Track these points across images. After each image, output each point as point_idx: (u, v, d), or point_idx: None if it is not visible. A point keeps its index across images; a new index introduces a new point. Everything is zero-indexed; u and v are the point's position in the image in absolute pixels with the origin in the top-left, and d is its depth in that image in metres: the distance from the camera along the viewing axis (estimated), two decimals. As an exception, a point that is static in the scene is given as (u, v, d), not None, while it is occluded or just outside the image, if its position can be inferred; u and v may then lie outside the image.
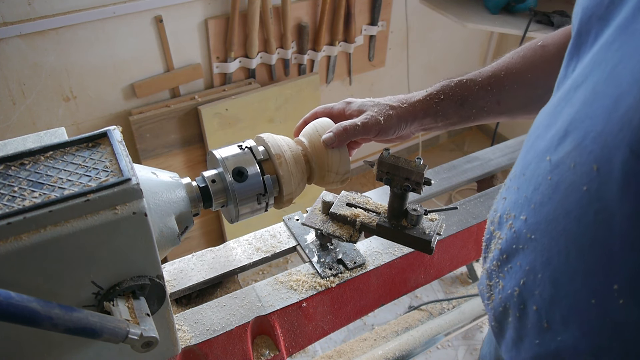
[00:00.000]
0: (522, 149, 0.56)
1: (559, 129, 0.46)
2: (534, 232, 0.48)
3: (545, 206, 0.46)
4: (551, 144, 0.46)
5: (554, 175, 0.45)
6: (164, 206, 0.61)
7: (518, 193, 0.52)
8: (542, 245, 0.46)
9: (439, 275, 1.04)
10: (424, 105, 0.75)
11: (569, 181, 0.43)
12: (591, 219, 0.40)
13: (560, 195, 0.44)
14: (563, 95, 0.48)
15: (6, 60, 1.66)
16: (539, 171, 0.48)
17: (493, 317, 0.59)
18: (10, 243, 0.46)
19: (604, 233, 0.39)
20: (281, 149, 0.72)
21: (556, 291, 0.45)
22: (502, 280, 0.55)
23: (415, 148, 3.16)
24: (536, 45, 0.76)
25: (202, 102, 2.02)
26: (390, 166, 0.71)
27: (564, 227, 0.43)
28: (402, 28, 2.57)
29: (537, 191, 0.47)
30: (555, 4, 2.26)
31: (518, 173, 0.54)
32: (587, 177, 0.40)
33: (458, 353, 2.12)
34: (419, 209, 0.76)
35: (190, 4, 1.88)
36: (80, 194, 0.49)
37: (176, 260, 0.91)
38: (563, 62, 0.54)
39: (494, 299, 0.58)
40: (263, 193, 0.70)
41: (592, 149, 0.40)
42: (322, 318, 0.88)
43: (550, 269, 0.45)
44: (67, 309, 0.43)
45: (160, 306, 0.60)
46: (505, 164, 1.21)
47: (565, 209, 0.43)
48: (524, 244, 0.50)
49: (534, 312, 0.49)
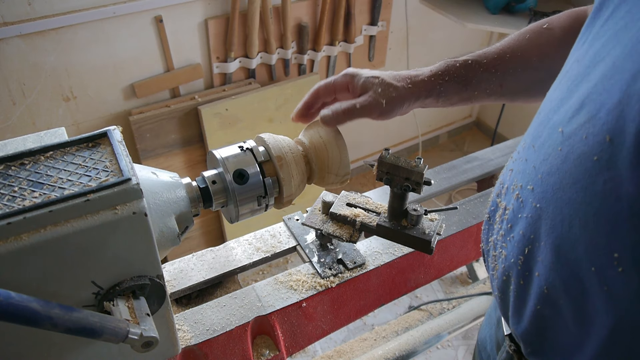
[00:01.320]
0: (533, 123, 0.56)
1: (574, 102, 0.46)
2: (540, 201, 0.48)
3: (553, 176, 0.46)
4: (564, 117, 0.47)
5: (564, 146, 0.45)
6: (164, 206, 0.61)
7: (526, 164, 0.53)
8: (546, 213, 0.47)
9: (439, 275, 1.04)
10: (428, 85, 0.73)
11: (579, 152, 0.43)
12: (599, 188, 0.41)
13: (570, 165, 0.44)
14: (581, 70, 0.48)
15: (6, 60, 1.66)
16: (550, 142, 0.48)
17: (497, 287, 0.60)
18: (10, 243, 0.46)
19: (611, 202, 0.40)
20: (282, 150, 0.72)
21: (557, 258, 0.46)
22: (505, 250, 0.56)
23: (415, 148, 3.16)
24: (542, 28, 0.75)
25: (202, 102, 2.02)
26: (390, 166, 0.71)
27: (570, 196, 0.44)
28: (402, 28, 2.57)
29: (546, 162, 0.48)
30: (555, 4, 2.26)
31: (527, 145, 0.54)
32: (599, 148, 0.41)
33: (458, 353, 2.12)
34: (419, 209, 0.76)
35: (190, 4, 1.88)
36: (80, 194, 0.49)
37: (176, 260, 0.91)
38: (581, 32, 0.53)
39: (497, 269, 0.58)
40: (263, 195, 0.70)
41: (606, 120, 0.40)
42: (322, 318, 0.88)
43: (553, 237, 0.46)
44: (67, 309, 0.43)
45: (160, 306, 0.60)
46: (505, 163, 1.21)
47: (573, 178, 0.44)
48: (528, 213, 0.50)
49: (536, 278, 0.50)
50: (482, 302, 1.38)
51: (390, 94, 0.72)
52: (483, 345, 0.83)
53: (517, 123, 2.97)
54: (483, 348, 0.82)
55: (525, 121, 2.49)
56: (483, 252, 0.65)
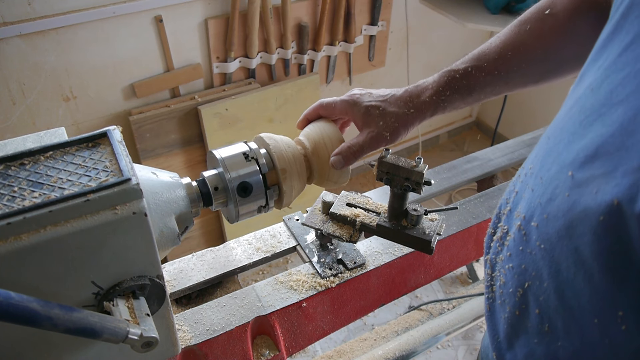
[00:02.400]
0: (541, 145, 0.54)
1: (587, 145, 0.44)
2: (544, 242, 0.47)
3: (559, 221, 0.45)
4: (576, 159, 0.44)
5: (572, 193, 0.43)
6: (164, 206, 0.61)
7: (532, 195, 0.51)
8: (551, 256, 0.46)
9: (439, 275, 1.04)
10: (432, 105, 0.72)
11: (586, 204, 0.41)
12: (606, 247, 0.39)
13: (576, 216, 0.42)
14: (596, 106, 0.45)
15: (6, 60, 1.66)
16: (558, 182, 0.46)
17: (487, 305, 0.59)
18: (10, 243, 0.46)
19: (618, 263, 0.38)
20: (286, 160, 0.72)
21: (560, 303, 0.45)
22: (504, 277, 0.55)
23: (415, 148, 3.16)
24: (543, 14, 0.70)
25: (202, 102, 2.02)
26: (390, 166, 0.71)
27: (576, 247, 0.42)
28: (402, 28, 2.57)
29: (552, 203, 0.46)
30: (555, 4, 2.26)
31: (535, 172, 0.52)
32: (606, 209, 0.39)
33: (458, 353, 2.12)
34: (419, 209, 0.76)
35: (190, 4, 1.88)
36: (80, 194, 0.49)
37: (176, 260, 0.91)
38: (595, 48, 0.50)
39: (495, 290, 0.57)
40: (264, 205, 0.71)
41: (619, 182, 0.38)
42: (322, 318, 0.88)
43: (557, 282, 0.45)
44: (67, 309, 0.43)
45: (160, 306, 0.60)
46: (505, 164, 1.21)
47: (579, 231, 0.42)
48: (532, 250, 0.49)
49: (536, 315, 0.49)
50: (482, 302, 1.37)
51: (392, 125, 0.71)
52: (485, 353, 0.82)
53: (517, 123, 2.97)
54: (485, 355, 0.82)
55: (526, 121, 2.49)
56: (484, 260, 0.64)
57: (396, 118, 0.71)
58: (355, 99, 0.74)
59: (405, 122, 0.72)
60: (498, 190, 1.11)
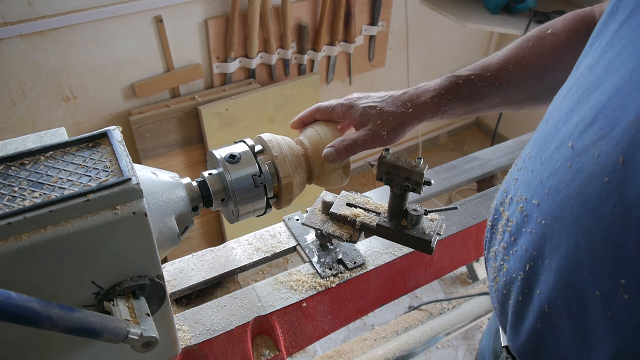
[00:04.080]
0: (539, 130, 0.54)
1: (585, 114, 0.44)
2: (545, 218, 0.47)
3: (561, 193, 0.45)
4: (575, 130, 0.45)
5: (574, 162, 0.43)
6: (164, 206, 0.61)
7: (532, 175, 0.51)
8: (552, 231, 0.46)
9: (439, 275, 1.04)
10: (432, 107, 0.72)
11: (590, 170, 0.41)
12: (608, 211, 0.39)
13: (579, 183, 0.42)
14: (594, 79, 0.45)
15: (6, 60, 1.66)
16: (558, 156, 0.46)
17: (496, 299, 0.58)
18: (10, 243, 0.46)
19: (620, 227, 0.38)
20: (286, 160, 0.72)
21: (560, 278, 0.45)
22: (507, 263, 0.54)
23: (415, 148, 3.16)
24: (545, 34, 0.72)
25: (202, 102, 2.02)
26: (390, 166, 0.71)
27: (578, 216, 0.42)
28: (402, 28, 2.57)
29: (554, 176, 0.46)
30: (555, 4, 2.26)
31: (533, 155, 0.52)
32: (611, 168, 0.39)
33: (458, 353, 2.12)
34: (419, 209, 0.76)
35: (190, 4, 1.88)
36: (80, 194, 0.49)
37: (176, 260, 0.91)
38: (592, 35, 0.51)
39: (498, 281, 0.57)
40: (258, 174, 0.70)
41: (620, 139, 0.38)
42: (322, 318, 0.88)
43: (557, 256, 0.45)
44: (67, 309, 0.43)
45: (160, 306, 0.60)
46: (505, 164, 1.21)
47: (581, 198, 0.42)
48: (532, 228, 0.49)
49: (537, 296, 0.49)
50: (482, 302, 1.37)
51: (390, 124, 0.71)
52: (482, 355, 0.82)
53: (517, 123, 2.97)
54: (482, 358, 0.82)
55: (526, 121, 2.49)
56: (485, 260, 0.64)
57: (394, 117, 0.71)
58: (352, 101, 0.75)
59: (404, 122, 0.72)
60: (498, 190, 1.11)
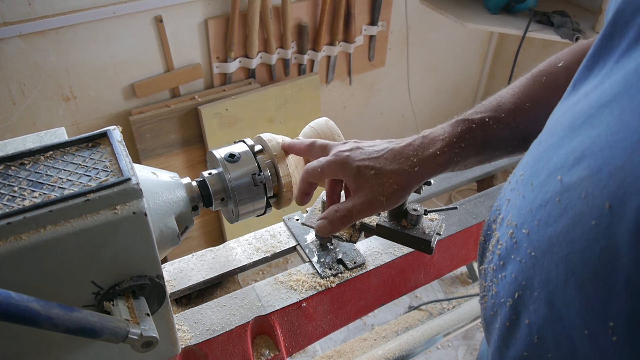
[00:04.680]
0: (532, 150, 0.52)
1: (575, 148, 0.42)
2: (535, 250, 0.46)
3: (550, 227, 0.43)
4: (565, 162, 0.43)
5: (562, 198, 0.42)
6: (164, 206, 0.61)
7: (523, 202, 0.49)
8: (541, 264, 0.45)
9: (439, 275, 1.04)
10: (443, 160, 0.62)
11: (577, 210, 0.40)
12: (596, 254, 0.38)
13: (567, 222, 0.41)
14: (586, 109, 0.44)
15: (6, 60, 1.66)
16: (548, 187, 0.45)
17: (483, 317, 0.57)
18: (10, 243, 0.46)
19: (607, 271, 0.37)
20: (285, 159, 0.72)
21: (551, 313, 0.44)
22: (496, 286, 0.53)
23: (415, 148, 3.15)
24: (557, 67, 0.65)
25: (202, 102, 2.02)
26: (390, 166, 0.71)
27: (567, 254, 0.41)
28: (402, 28, 2.57)
29: (543, 209, 0.45)
30: (555, 4, 2.26)
31: (525, 178, 0.50)
32: (598, 212, 0.38)
33: (458, 353, 2.12)
34: (419, 209, 0.76)
35: (190, 4, 1.88)
36: (80, 193, 0.49)
37: (176, 260, 0.91)
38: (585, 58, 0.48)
39: (487, 301, 0.56)
40: (258, 173, 0.69)
41: (607, 183, 0.37)
42: (322, 318, 0.88)
43: (547, 291, 0.44)
44: (67, 309, 0.43)
45: (160, 306, 0.60)
46: (505, 163, 1.21)
47: (570, 237, 0.41)
48: (522, 258, 0.48)
49: (525, 325, 0.48)
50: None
51: (391, 187, 0.62)
52: (483, 356, 0.82)
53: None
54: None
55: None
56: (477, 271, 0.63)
57: (395, 178, 0.62)
58: (343, 157, 0.64)
59: (407, 183, 0.62)
60: (498, 190, 1.11)
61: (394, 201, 0.63)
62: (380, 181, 0.62)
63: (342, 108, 2.66)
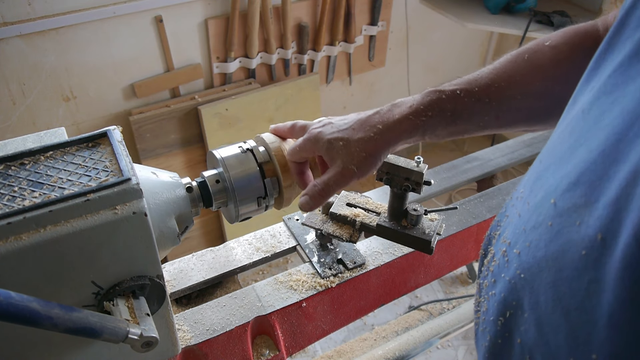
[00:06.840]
0: (533, 168, 0.51)
1: (570, 171, 0.41)
2: (524, 272, 0.45)
3: (540, 251, 0.43)
4: (559, 186, 0.42)
5: (555, 222, 0.41)
6: (164, 206, 0.61)
7: (519, 220, 0.49)
8: (531, 287, 0.44)
9: (439, 275, 1.04)
10: (408, 126, 0.63)
11: (568, 237, 0.39)
12: (583, 285, 0.37)
13: (557, 248, 0.41)
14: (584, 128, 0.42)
15: (6, 60, 1.66)
16: (542, 209, 0.44)
17: (475, 331, 0.57)
18: (10, 243, 0.46)
19: (592, 305, 0.37)
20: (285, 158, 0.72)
21: (540, 335, 0.43)
22: (487, 303, 0.53)
23: (415, 148, 3.15)
24: (544, 46, 0.64)
25: (202, 102, 2.02)
26: (390, 166, 0.71)
27: (554, 281, 0.41)
28: (402, 28, 2.57)
29: (536, 231, 0.44)
30: (555, 4, 2.26)
31: (524, 196, 0.50)
32: (589, 243, 0.37)
33: (458, 353, 2.12)
34: (419, 209, 0.76)
35: (190, 4, 1.88)
36: (80, 193, 0.49)
37: (176, 260, 0.91)
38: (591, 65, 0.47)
39: (479, 316, 0.56)
40: (263, 196, 0.70)
41: (601, 214, 0.36)
42: (322, 318, 0.88)
43: (537, 314, 0.43)
44: (67, 309, 0.43)
45: (160, 306, 0.60)
46: (505, 164, 1.21)
47: (559, 264, 0.40)
48: (512, 278, 0.47)
49: (518, 344, 0.47)
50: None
51: (359, 155, 0.63)
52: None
53: (517, 123, 2.97)
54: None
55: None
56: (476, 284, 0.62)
57: (362, 146, 0.63)
58: (316, 134, 0.67)
59: (374, 149, 0.63)
60: (498, 190, 1.11)
61: (366, 169, 0.64)
62: (349, 151, 0.63)
63: (342, 108, 2.66)
